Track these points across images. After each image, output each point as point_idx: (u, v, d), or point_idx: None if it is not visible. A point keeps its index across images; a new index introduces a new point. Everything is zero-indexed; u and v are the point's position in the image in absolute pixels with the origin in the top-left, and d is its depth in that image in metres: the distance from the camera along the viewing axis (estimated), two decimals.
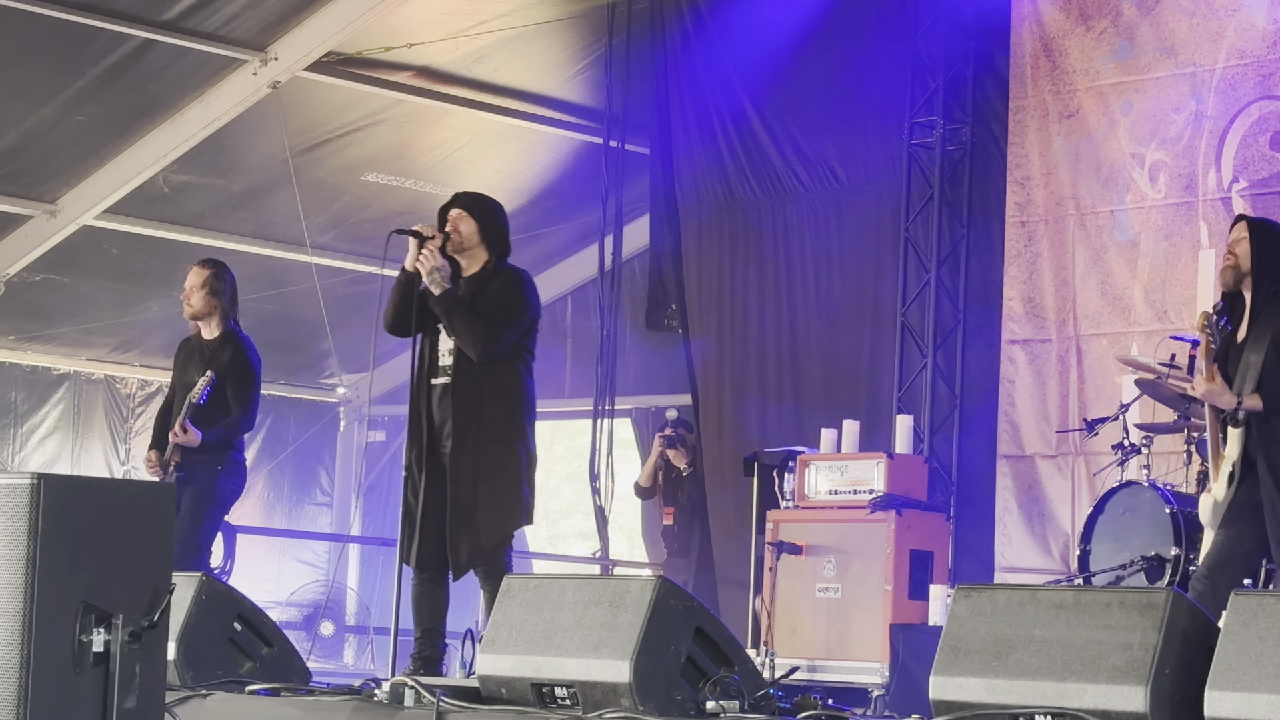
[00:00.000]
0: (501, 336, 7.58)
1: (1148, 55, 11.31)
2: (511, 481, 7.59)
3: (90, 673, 4.60)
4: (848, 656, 9.94)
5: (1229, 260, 7.31)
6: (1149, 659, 4.63)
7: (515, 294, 7.70)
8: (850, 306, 12.80)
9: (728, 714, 5.52)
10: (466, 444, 7.55)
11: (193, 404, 9.20)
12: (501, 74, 14.06)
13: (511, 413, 7.66)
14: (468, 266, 7.75)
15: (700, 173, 13.57)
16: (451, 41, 13.53)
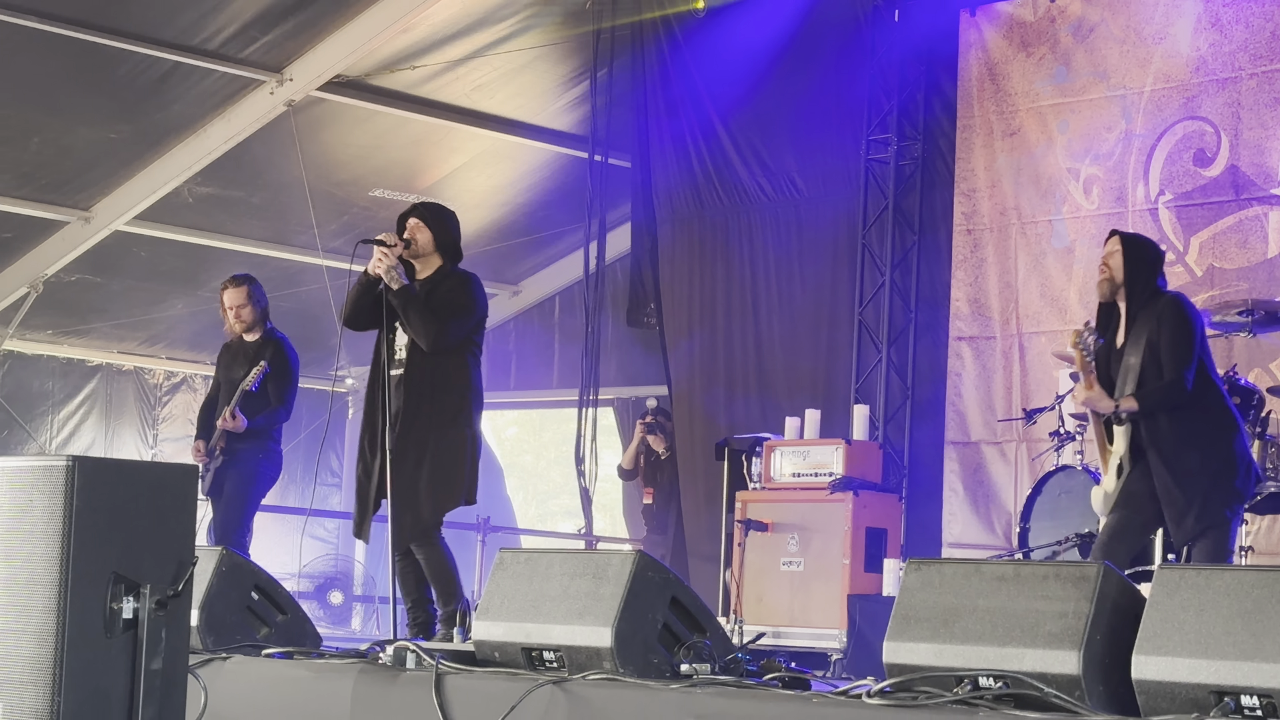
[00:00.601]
0: (450, 330, 7.56)
1: (1082, 79, 11.32)
2: (455, 463, 7.57)
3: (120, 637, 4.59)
4: (809, 624, 9.95)
5: (1104, 273, 7.29)
6: (1082, 626, 4.63)
7: (464, 294, 7.68)
8: (811, 306, 12.80)
9: (700, 675, 5.52)
10: (415, 428, 7.54)
11: (245, 391, 9.39)
12: (498, 96, 14.05)
13: (459, 401, 7.63)
14: (422, 270, 7.76)
15: (675, 185, 13.58)
16: (452, 65, 13.52)
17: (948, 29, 12.02)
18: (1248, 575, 4.44)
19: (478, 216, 15.25)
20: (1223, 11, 10.71)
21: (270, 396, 9.53)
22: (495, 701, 5.52)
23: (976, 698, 4.69)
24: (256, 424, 9.46)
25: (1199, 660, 4.36)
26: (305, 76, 13.23)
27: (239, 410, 9.39)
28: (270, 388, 9.50)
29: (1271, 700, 4.21)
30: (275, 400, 9.56)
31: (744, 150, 13.17)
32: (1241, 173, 10.52)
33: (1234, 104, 10.60)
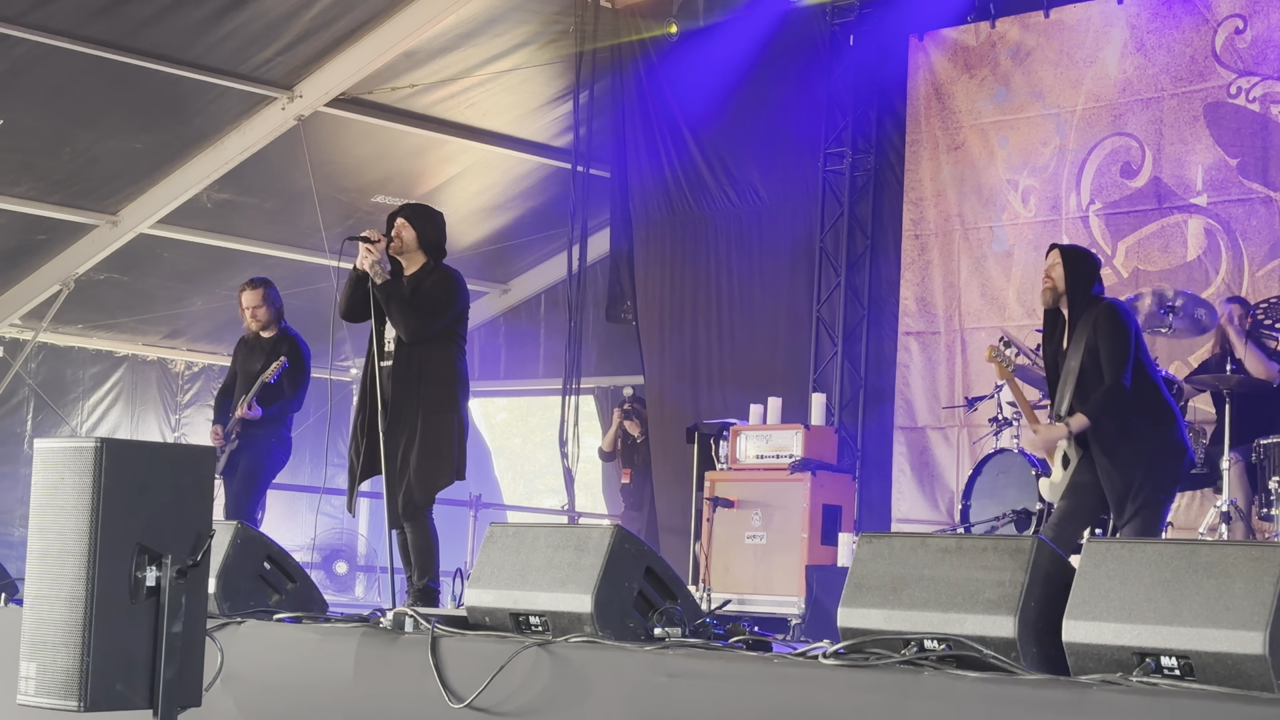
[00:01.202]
0: (429, 323, 7.47)
1: (1020, 99, 11.33)
2: (444, 446, 7.49)
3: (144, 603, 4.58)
4: (771, 592, 9.96)
5: (1047, 283, 7.30)
6: (1017, 594, 4.62)
7: (446, 289, 7.58)
8: (773, 304, 12.80)
9: (671, 638, 5.51)
10: (405, 415, 7.47)
11: (264, 382, 9.35)
12: (489, 112, 14.05)
13: (446, 389, 7.55)
14: (408, 266, 7.66)
15: (650, 193, 13.56)
16: (447, 84, 13.51)
17: (898, 53, 12.02)
18: (1167, 548, 4.44)
19: (470, 222, 15.25)
20: (1146, 38, 10.73)
21: (285, 388, 9.51)
22: (486, 661, 5.51)
23: (922, 659, 4.69)
24: (270, 413, 9.47)
25: (1123, 624, 4.36)
26: (314, 93, 13.23)
27: (255, 401, 9.38)
28: (285, 380, 9.48)
29: (1188, 660, 4.21)
30: (289, 391, 9.55)
31: (712, 162, 13.17)
32: (1164, 184, 10.54)
33: (1157, 121, 10.61)
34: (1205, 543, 4.42)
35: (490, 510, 14.23)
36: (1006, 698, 4.36)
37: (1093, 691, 4.20)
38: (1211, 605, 4.20)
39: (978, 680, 4.44)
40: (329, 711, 5.97)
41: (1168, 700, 4.07)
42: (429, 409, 7.49)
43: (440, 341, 7.57)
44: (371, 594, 14.46)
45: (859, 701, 4.63)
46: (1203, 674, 4.17)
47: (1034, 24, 11.32)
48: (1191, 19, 10.55)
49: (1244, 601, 4.14)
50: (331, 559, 14.47)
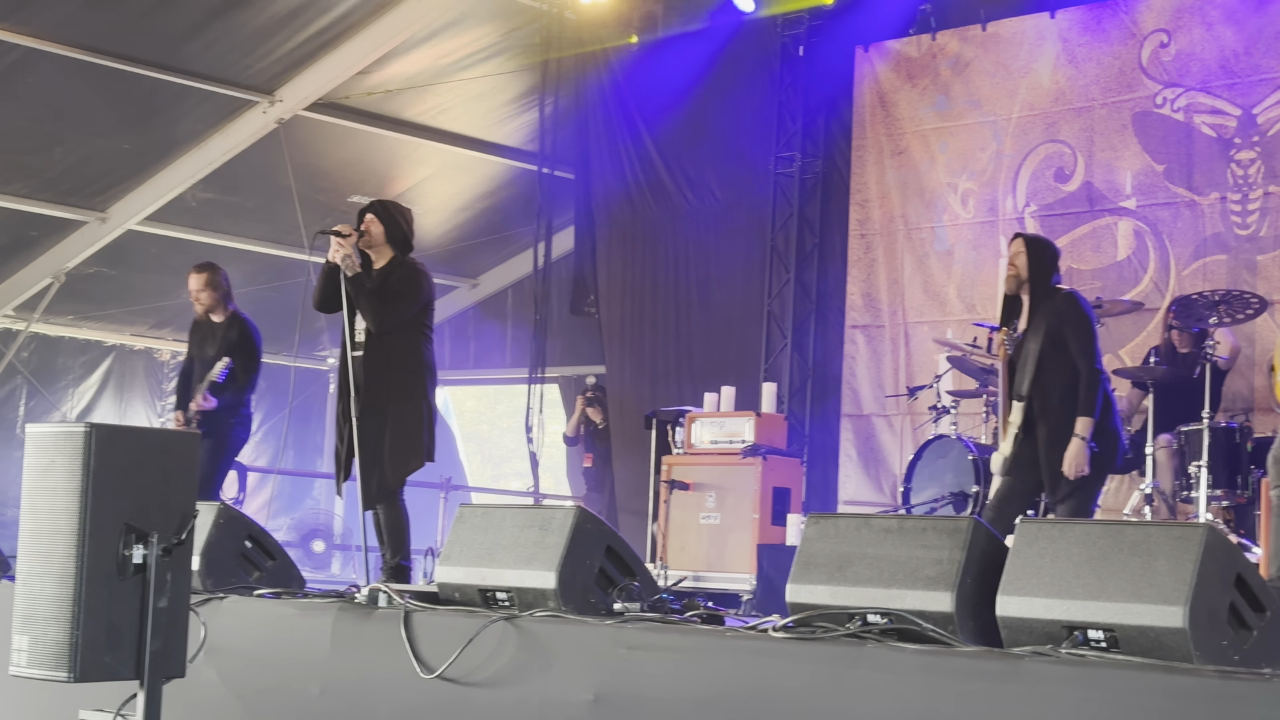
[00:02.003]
0: (395, 313, 7.43)
1: (959, 107, 11.36)
2: (415, 431, 7.46)
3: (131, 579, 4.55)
4: (724, 569, 9.96)
5: (1011, 271, 7.24)
6: (955, 571, 4.63)
7: (412, 282, 7.53)
8: (727, 298, 12.82)
9: (630, 613, 5.51)
10: (375, 402, 7.42)
11: (213, 381, 9.13)
12: (459, 117, 14.02)
13: (414, 376, 7.50)
14: (377, 260, 7.61)
15: (612, 193, 13.55)
16: (420, 90, 13.47)
17: (845, 62, 12.05)
18: (1094, 527, 4.47)
19: (441, 220, 15.21)
20: (1077, 51, 10.78)
21: (238, 375, 9.22)
22: (455, 635, 5.50)
23: (866, 632, 4.70)
24: (225, 401, 9.19)
25: (1053, 600, 4.37)
26: (294, 98, 13.18)
27: (208, 394, 9.15)
28: (237, 369, 9.20)
29: (1114, 633, 4.24)
30: (242, 379, 9.26)
31: (671, 164, 13.17)
32: (1095, 188, 10.59)
33: (1088, 129, 10.66)
34: (1130, 523, 4.45)
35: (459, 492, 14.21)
36: (944, 668, 4.38)
37: (1025, 663, 4.23)
38: (1136, 582, 4.22)
39: (917, 652, 4.46)
40: (307, 682, 5.95)
41: (1094, 671, 4.10)
42: (399, 397, 7.45)
43: (408, 332, 7.53)
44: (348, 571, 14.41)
45: (806, 672, 4.64)
46: (1127, 646, 4.20)
47: (972, 37, 11.35)
48: (1119, 33, 10.60)
49: (1166, 578, 4.16)
50: (309, 538, 14.41)
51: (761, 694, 4.71)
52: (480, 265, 16.26)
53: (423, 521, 11.09)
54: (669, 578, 9.64)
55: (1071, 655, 4.22)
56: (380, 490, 7.45)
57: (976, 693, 4.26)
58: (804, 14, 12.20)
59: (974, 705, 4.24)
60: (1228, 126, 9.97)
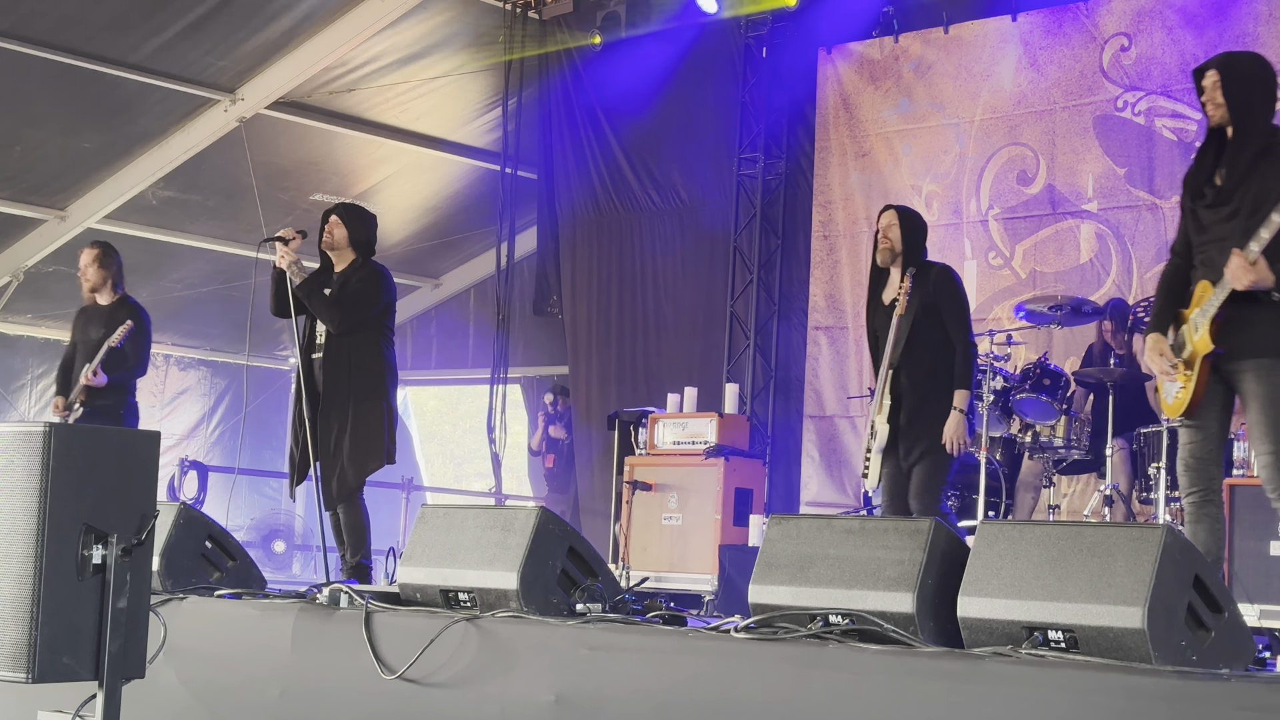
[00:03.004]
0: (355, 315, 7.48)
1: (923, 109, 11.41)
2: (375, 432, 7.50)
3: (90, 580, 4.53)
4: (686, 569, 9.98)
5: (885, 243, 7.14)
6: (916, 572, 4.66)
7: (372, 284, 7.58)
8: (690, 299, 12.84)
9: (592, 614, 5.51)
10: (336, 403, 7.48)
11: (111, 347, 8.94)
12: (422, 116, 14.00)
13: (375, 377, 7.55)
14: (339, 262, 7.67)
15: (577, 193, 13.56)
16: (382, 89, 13.45)
17: (808, 64, 12.09)
18: (1054, 529, 4.50)
19: (404, 219, 15.19)
20: (1039, 54, 10.83)
21: (129, 354, 9.06)
22: (417, 635, 5.50)
23: (827, 632, 4.72)
24: (115, 379, 9.02)
25: (1013, 600, 4.40)
26: (255, 96, 13.14)
27: (100, 368, 8.95)
28: (129, 345, 9.03)
29: (1073, 634, 4.27)
30: (133, 358, 9.10)
31: (636, 165, 13.19)
32: (1057, 191, 10.65)
33: (1050, 132, 10.72)
34: (1090, 524, 4.48)
35: (421, 492, 14.18)
36: (905, 669, 4.40)
37: (985, 663, 4.25)
38: (1095, 583, 4.26)
39: (879, 652, 4.48)
40: (267, 683, 5.94)
41: (1054, 671, 4.13)
42: (359, 397, 7.48)
43: (369, 333, 7.56)
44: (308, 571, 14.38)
45: (768, 672, 4.66)
46: (1086, 646, 4.23)
47: (935, 39, 11.40)
48: (1081, 37, 10.66)
49: (1125, 579, 4.20)
50: (270, 538, 14.37)
51: (723, 695, 4.72)
52: (442, 265, 16.24)
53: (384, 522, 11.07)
54: (631, 578, 9.65)
55: (1031, 656, 4.25)
56: (340, 490, 7.46)
57: (937, 693, 4.28)
58: (767, 15, 12.23)
59: (935, 705, 4.26)
60: (1188, 130, 10.04)
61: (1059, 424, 9.07)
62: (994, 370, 9.04)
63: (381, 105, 13.72)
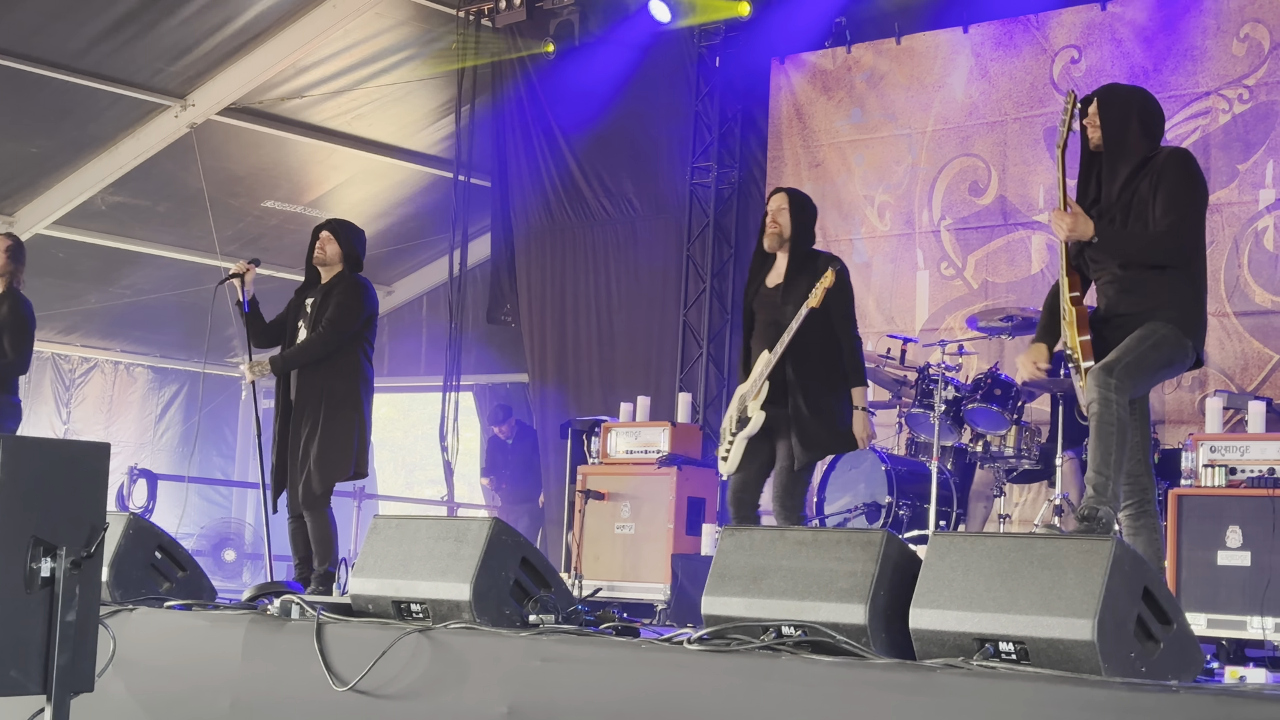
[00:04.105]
0: (336, 335, 7.58)
1: (875, 120, 11.46)
2: (343, 441, 7.56)
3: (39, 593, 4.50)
4: (639, 579, 9.96)
5: (774, 228, 6.91)
6: (868, 584, 4.68)
7: (353, 296, 7.69)
8: (644, 308, 12.85)
9: (546, 625, 5.52)
10: (308, 411, 7.56)
11: None
12: (375, 123, 13.98)
13: (349, 388, 7.61)
14: (326, 275, 7.81)
15: (531, 202, 13.56)
16: (335, 96, 13.42)
17: (761, 74, 12.13)
18: (1005, 541, 4.53)
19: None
20: (990, 65, 10.91)
21: (6, 349, 8.74)
22: (369, 647, 5.49)
23: (780, 644, 4.74)
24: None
25: (965, 612, 4.43)
26: (206, 102, 13.10)
27: None
28: (7, 341, 8.72)
29: (1024, 645, 4.30)
30: (12, 353, 8.76)
31: (589, 174, 13.19)
32: (1009, 201, 10.72)
33: (1001, 144, 10.79)
34: (1041, 537, 4.51)
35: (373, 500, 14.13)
36: (858, 680, 4.42)
37: (937, 674, 4.27)
38: (1045, 595, 4.29)
39: (831, 664, 4.50)
40: (217, 695, 5.91)
41: (1005, 682, 4.15)
42: (330, 405, 7.56)
43: (348, 344, 7.65)
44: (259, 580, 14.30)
45: (721, 683, 4.67)
46: (1037, 658, 4.26)
47: (887, 50, 11.45)
48: (1031, 49, 10.74)
49: (1075, 591, 4.23)
50: (220, 547, 14.29)
51: (676, 706, 4.73)
52: (394, 272, 16.20)
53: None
54: (584, 587, 9.64)
55: (983, 667, 4.28)
56: (306, 498, 7.50)
57: (890, 705, 4.30)
58: (720, 25, 12.26)
59: (887, 717, 4.28)
60: None
61: (1010, 434, 9.12)
62: (946, 380, 9.09)
63: (334, 112, 13.69)
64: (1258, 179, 9.65)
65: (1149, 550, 5.52)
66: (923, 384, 9.25)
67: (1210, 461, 7.79)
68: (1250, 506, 7.49)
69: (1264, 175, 9.63)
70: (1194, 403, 9.54)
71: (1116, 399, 5.34)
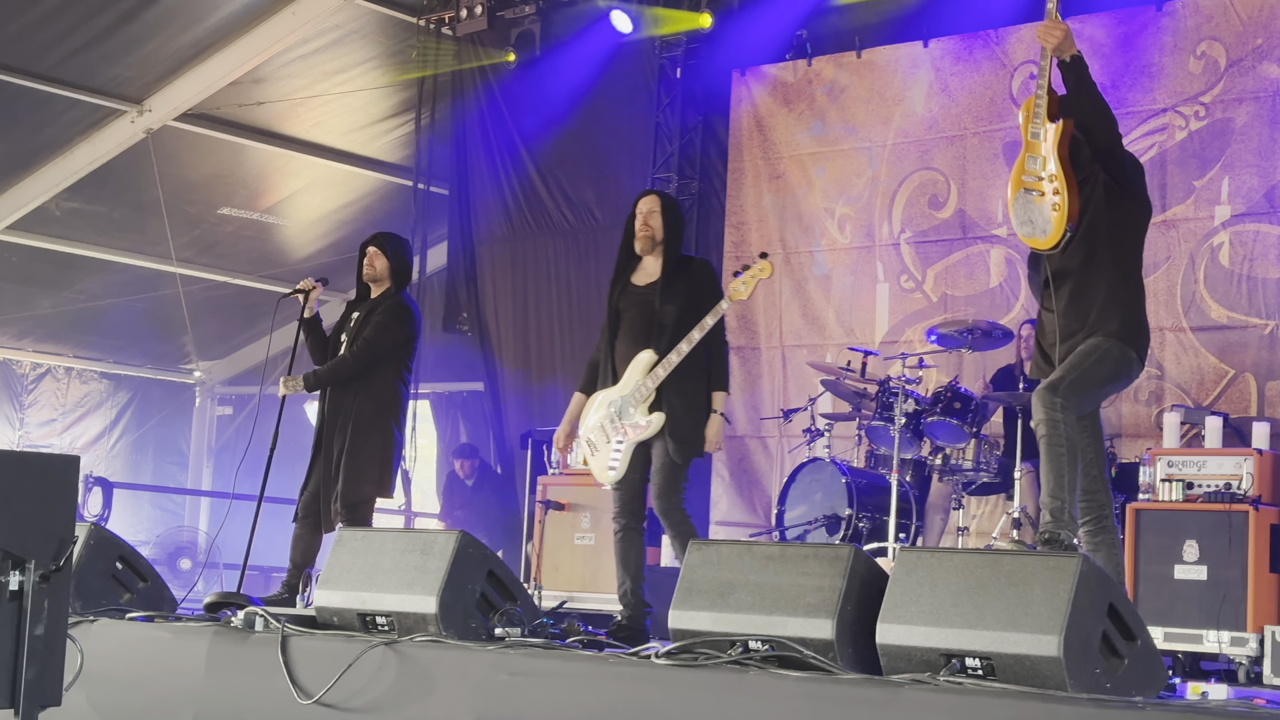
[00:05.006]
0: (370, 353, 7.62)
1: (835, 132, 11.52)
2: (371, 458, 7.58)
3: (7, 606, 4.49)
4: (598, 590, 9.98)
5: (646, 231, 6.76)
6: (835, 599, 4.72)
7: (394, 318, 7.71)
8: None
9: (511, 638, 5.54)
10: (338, 429, 7.60)
11: None
12: (334, 130, 13.96)
13: (381, 406, 7.64)
14: (376, 290, 7.88)
15: (492, 210, 13.55)
16: (293, 103, 13.39)
17: (722, 86, 12.17)
18: (972, 557, 4.58)
19: (313, 233, 15.12)
20: (950, 80, 10.99)
21: None
22: (334, 659, 5.50)
23: (747, 659, 4.77)
24: None
25: (931, 628, 4.47)
26: (163, 108, 13.05)
27: None
28: None
29: (990, 661, 4.35)
30: None
31: (550, 183, 13.21)
32: (968, 215, 10.80)
33: (961, 158, 10.87)
34: (1007, 553, 4.57)
35: None
36: (825, 695, 4.46)
37: (904, 690, 4.32)
38: (1012, 611, 4.34)
39: (799, 679, 4.54)
40: (180, 708, 5.90)
41: (971, 698, 4.20)
42: (359, 424, 7.60)
43: (384, 363, 7.68)
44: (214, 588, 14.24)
45: (689, 699, 4.70)
46: (1003, 674, 4.31)
47: (847, 63, 11.52)
48: (990, 64, 10.83)
49: (1041, 608, 4.29)
50: (176, 556, 14.23)
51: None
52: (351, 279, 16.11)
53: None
54: (543, 599, 9.66)
55: (949, 683, 4.33)
56: (334, 514, 7.54)
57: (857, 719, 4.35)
58: (682, 36, 12.31)
59: None
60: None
61: (969, 447, 9.20)
62: (906, 393, 9.16)
63: (292, 119, 13.65)
64: (1213, 195, 9.77)
65: (1109, 565, 5.60)
66: (883, 397, 9.31)
67: (1167, 476, 7.91)
68: (1207, 521, 7.60)
69: (1220, 192, 9.75)
70: (1151, 417, 9.65)
71: (1063, 418, 5.41)
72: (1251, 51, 9.73)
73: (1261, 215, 9.57)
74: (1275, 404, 9.33)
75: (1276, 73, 9.63)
